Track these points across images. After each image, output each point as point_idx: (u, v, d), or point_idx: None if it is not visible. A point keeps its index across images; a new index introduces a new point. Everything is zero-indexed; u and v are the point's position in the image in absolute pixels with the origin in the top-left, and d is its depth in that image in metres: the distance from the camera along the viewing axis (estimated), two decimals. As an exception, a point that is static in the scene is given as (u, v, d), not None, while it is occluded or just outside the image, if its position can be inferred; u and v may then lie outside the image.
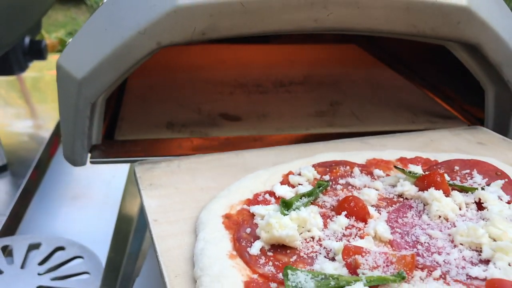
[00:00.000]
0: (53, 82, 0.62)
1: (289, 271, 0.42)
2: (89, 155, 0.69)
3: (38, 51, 1.44)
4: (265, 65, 1.07)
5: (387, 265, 0.44)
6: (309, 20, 0.61)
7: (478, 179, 0.58)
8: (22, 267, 0.88)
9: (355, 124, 0.83)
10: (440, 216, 0.52)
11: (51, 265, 0.89)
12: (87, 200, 1.11)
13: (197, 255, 0.46)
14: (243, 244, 0.47)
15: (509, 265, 0.44)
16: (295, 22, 0.61)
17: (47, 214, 1.12)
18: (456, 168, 0.61)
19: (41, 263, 0.89)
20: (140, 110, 0.84)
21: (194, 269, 0.45)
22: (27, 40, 1.41)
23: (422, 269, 0.45)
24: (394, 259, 0.44)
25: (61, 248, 0.93)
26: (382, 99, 0.92)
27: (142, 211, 0.74)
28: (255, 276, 0.44)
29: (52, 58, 1.57)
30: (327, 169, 0.60)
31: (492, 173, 0.59)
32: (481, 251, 0.47)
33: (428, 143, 0.71)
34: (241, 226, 0.50)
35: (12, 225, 1.10)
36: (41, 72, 1.78)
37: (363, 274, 0.42)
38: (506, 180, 0.57)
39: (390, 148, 0.67)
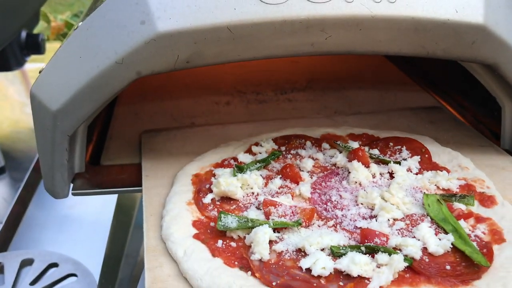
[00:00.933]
0: None
1: (222, 215, 0.56)
2: (71, 185, 0.64)
3: (35, 45, 1.39)
4: (266, 67, 0.99)
5: (293, 215, 0.58)
6: (305, 45, 0.55)
7: (404, 154, 0.70)
8: (13, 287, 0.85)
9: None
10: (356, 182, 0.64)
11: (44, 285, 0.85)
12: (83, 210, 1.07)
13: (166, 202, 0.61)
14: (200, 195, 0.62)
15: (388, 220, 0.56)
16: (289, 48, 0.55)
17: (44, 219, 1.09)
18: (391, 144, 0.73)
19: (33, 282, 0.86)
20: (131, 126, 0.79)
21: (163, 211, 0.59)
22: (23, 34, 1.36)
23: (322, 219, 0.59)
24: (298, 211, 0.58)
25: (54, 265, 0.89)
26: (391, 105, 0.86)
27: (133, 237, 0.70)
28: (202, 217, 0.59)
29: (55, 47, 1.51)
30: (286, 141, 0.73)
31: (418, 150, 0.70)
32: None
33: (385, 121, 0.80)
34: (202, 182, 0.64)
35: (8, 234, 1.07)
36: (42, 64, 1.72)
37: (272, 219, 0.57)
38: (426, 156, 0.69)
39: (348, 126, 0.78)
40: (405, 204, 0.59)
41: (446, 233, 0.54)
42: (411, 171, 0.66)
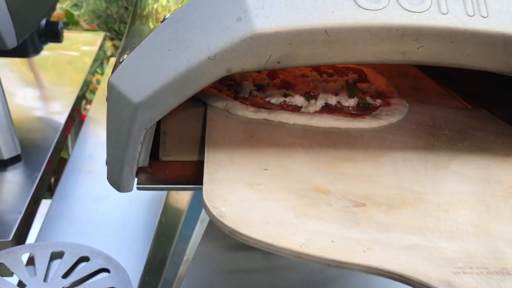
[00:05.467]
0: (68, 63, 0.56)
1: None
2: (135, 179, 0.63)
3: (54, 33, 1.36)
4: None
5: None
6: (396, 53, 0.55)
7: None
8: (45, 280, 0.83)
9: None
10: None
11: (75, 279, 0.83)
12: (110, 202, 1.05)
13: None
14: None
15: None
16: (380, 54, 0.55)
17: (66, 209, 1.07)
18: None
19: (65, 275, 0.84)
20: (184, 121, 0.77)
21: None
22: (43, 21, 1.33)
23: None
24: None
25: (85, 259, 0.88)
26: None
27: (180, 237, 0.69)
28: None
29: (65, 35, 1.48)
30: None
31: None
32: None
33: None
34: None
35: (27, 224, 1.04)
36: (54, 51, 1.69)
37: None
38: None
39: None
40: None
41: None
42: None
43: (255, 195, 0.53)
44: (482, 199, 0.56)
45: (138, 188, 0.62)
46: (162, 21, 0.55)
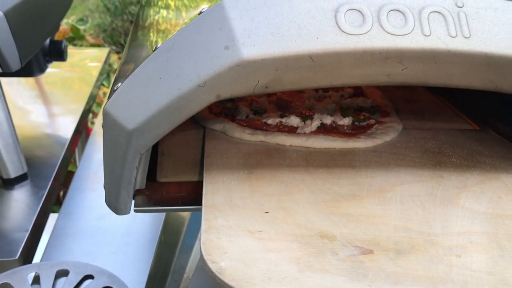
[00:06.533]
0: (75, 79, 0.57)
1: None
2: (133, 202, 0.65)
3: (58, 52, 1.39)
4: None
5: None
6: (381, 75, 0.56)
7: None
8: (51, 299, 0.85)
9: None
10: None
11: (80, 298, 0.85)
12: (113, 220, 1.07)
13: None
14: None
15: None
16: (365, 77, 0.56)
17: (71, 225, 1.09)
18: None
19: (70, 294, 0.86)
20: (181, 142, 0.79)
21: None
22: (47, 41, 1.36)
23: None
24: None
25: (89, 277, 0.89)
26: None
27: (180, 254, 0.70)
28: None
29: (69, 51, 1.50)
30: None
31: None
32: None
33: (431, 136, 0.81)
34: None
35: (33, 242, 1.06)
36: (61, 68, 1.72)
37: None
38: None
39: None
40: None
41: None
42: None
43: (256, 245, 0.50)
44: (496, 240, 0.52)
45: (135, 211, 0.64)
46: (153, 50, 0.57)
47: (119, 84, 0.59)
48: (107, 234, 1.03)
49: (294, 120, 0.80)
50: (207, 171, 0.65)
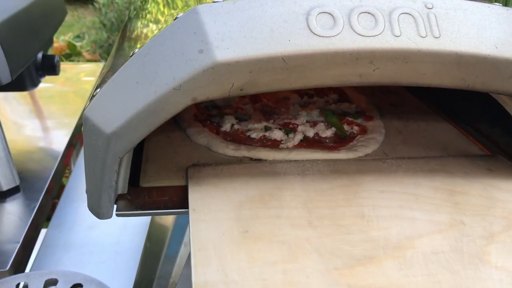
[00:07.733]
0: (69, 93, 0.58)
1: None
2: (115, 206, 0.66)
3: (51, 66, 1.40)
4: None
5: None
6: (353, 76, 0.57)
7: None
8: (40, 307, 0.85)
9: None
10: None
11: (68, 307, 0.86)
12: (103, 229, 1.08)
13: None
14: None
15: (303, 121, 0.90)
16: (338, 78, 0.58)
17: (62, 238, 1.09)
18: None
19: (58, 302, 0.86)
20: (165, 148, 0.80)
21: None
22: (39, 55, 1.38)
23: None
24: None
25: (78, 285, 0.90)
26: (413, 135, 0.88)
27: (165, 261, 0.71)
28: None
29: (63, 66, 1.52)
30: None
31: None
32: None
33: (440, 167, 0.73)
34: None
35: (25, 254, 1.07)
36: (55, 83, 1.74)
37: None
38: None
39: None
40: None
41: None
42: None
43: None
44: None
45: (117, 215, 0.65)
46: (131, 56, 0.59)
47: (98, 90, 0.60)
48: (97, 244, 1.04)
49: (277, 134, 0.81)
50: (194, 234, 0.55)
